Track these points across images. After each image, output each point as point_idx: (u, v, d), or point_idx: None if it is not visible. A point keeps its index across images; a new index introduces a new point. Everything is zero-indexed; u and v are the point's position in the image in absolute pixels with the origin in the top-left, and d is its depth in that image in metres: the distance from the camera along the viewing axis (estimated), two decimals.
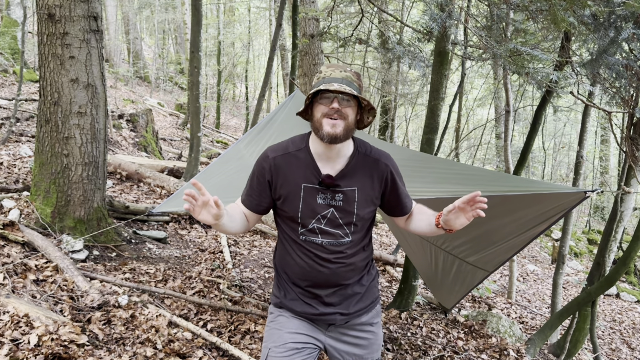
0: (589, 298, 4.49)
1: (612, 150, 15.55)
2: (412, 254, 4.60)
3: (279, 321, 1.76)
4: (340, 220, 1.66)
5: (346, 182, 1.65)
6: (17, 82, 8.60)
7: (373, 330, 1.82)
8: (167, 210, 3.33)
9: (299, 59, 7.79)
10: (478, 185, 2.71)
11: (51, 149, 3.90)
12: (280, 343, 1.70)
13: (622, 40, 3.57)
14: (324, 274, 1.68)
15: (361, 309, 1.77)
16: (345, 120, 1.57)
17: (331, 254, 1.67)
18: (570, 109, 9.92)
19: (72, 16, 3.75)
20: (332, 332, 1.77)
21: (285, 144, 1.72)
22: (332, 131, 1.55)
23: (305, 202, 1.64)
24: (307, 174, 1.65)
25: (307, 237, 1.67)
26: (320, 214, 1.64)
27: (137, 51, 18.32)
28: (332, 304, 1.72)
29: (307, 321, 1.75)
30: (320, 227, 1.65)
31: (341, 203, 1.65)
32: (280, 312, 1.78)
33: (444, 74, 4.53)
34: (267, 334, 1.77)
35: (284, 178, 1.66)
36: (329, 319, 1.73)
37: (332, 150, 1.63)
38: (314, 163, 1.65)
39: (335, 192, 1.64)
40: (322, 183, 1.63)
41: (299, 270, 1.71)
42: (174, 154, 10.00)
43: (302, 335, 1.72)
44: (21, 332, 2.55)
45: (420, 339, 4.15)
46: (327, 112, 1.56)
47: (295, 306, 1.74)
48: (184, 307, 3.53)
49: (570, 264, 10.85)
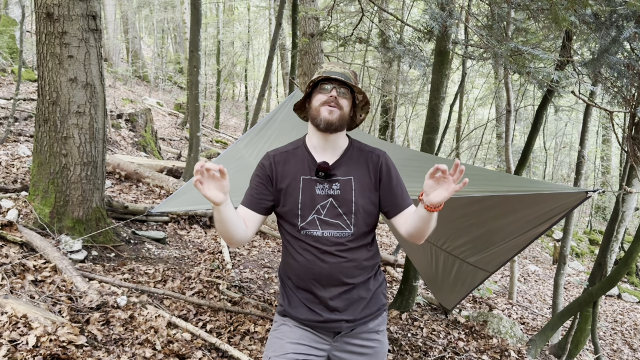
0: (590, 299, 4.48)
1: (614, 150, 15.53)
2: (412, 255, 4.59)
3: (282, 330, 1.73)
4: (339, 209, 1.68)
5: (342, 172, 1.71)
6: (15, 81, 8.58)
7: (379, 338, 1.79)
8: (166, 210, 3.31)
9: (298, 58, 7.77)
10: (479, 185, 2.69)
11: (50, 149, 3.88)
12: (281, 353, 1.66)
13: (623, 39, 3.56)
14: (325, 269, 1.65)
15: (367, 315, 1.74)
16: (341, 111, 1.67)
17: (332, 246, 1.66)
18: (571, 108, 9.90)
19: (71, 15, 3.73)
20: (338, 342, 1.74)
21: (284, 146, 1.81)
22: (329, 117, 1.64)
23: (304, 193, 1.68)
24: (304, 167, 1.71)
25: (307, 231, 1.67)
26: (319, 204, 1.67)
27: (136, 50, 18.29)
28: (337, 309, 1.69)
29: (310, 331, 1.72)
30: (320, 217, 1.67)
31: (339, 192, 1.68)
32: (283, 320, 1.76)
33: (445, 73, 4.51)
34: (268, 343, 1.75)
35: (283, 173, 1.71)
36: (334, 327, 1.70)
37: (328, 141, 1.71)
38: (310, 156, 1.72)
39: (332, 181, 1.69)
40: (318, 171, 1.68)
41: (300, 268, 1.69)
42: (173, 153, 9.98)
43: (304, 347, 1.68)
44: (19, 332, 2.53)
45: (420, 339, 4.13)
46: (325, 99, 1.66)
47: (300, 313, 1.71)
48: (183, 307, 3.51)
49: (572, 264, 10.84)
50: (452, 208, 3.65)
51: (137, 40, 18.41)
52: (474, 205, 3.37)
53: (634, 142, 4.11)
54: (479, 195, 3.01)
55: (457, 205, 3.54)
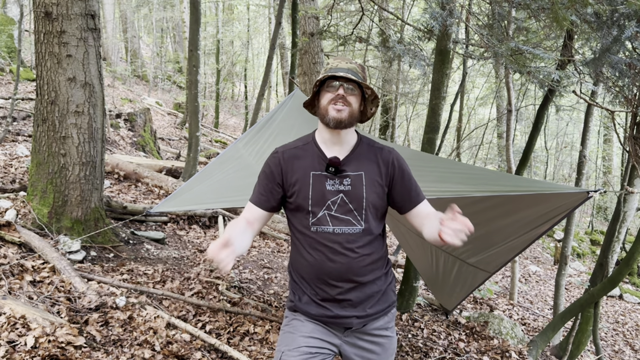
0: (591, 299, 4.46)
1: (615, 149, 15.52)
2: (413, 255, 4.57)
3: (293, 325, 1.75)
4: (350, 205, 1.67)
5: (352, 167, 1.70)
6: (13, 80, 8.55)
7: (388, 334, 1.80)
8: (165, 210, 3.29)
9: (298, 58, 7.75)
10: (479, 185, 2.68)
11: (48, 149, 3.86)
12: (294, 347, 1.68)
13: (625, 38, 3.54)
14: (335, 267, 1.66)
15: (378, 311, 1.75)
16: (350, 107, 1.66)
17: (342, 243, 1.66)
18: (572, 108, 9.88)
19: (69, 14, 3.71)
20: (349, 336, 1.75)
21: (293, 142, 1.81)
22: (338, 116, 1.64)
23: (314, 189, 1.68)
24: (314, 162, 1.71)
25: (318, 228, 1.67)
26: (330, 200, 1.67)
27: (135, 50, 18.27)
28: (348, 305, 1.70)
29: (322, 325, 1.73)
30: (331, 213, 1.67)
31: (349, 188, 1.68)
32: (294, 315, 1.77)
33: (445, 72, 4.49)
34: (280, 338, 1.76)
35: (293, 169, 1.71)
36: (345, 322, 1.71)
37: (338, 137, 1.71)
38: (320, 152, 1.72)
39: (342, 177, 1.69)
40: (329, 166, 1.68)
41: (310, 266, 1.69)
42: (172, 153, 9.96)
43: (316, 340, 1.70)
44: (18, 333, 2.51)
45: (421, 340, 4.12)
46: (333, 98, 1.65)
47: (310, 309, 1.72)
48: (183, 308, 3.50)
49: (573, 265, 10.82)
50: None
51: (136, 40, 18.39)
52: (475, 206, 3.36)
53: (636, 141, 4.09)
54: (480, 196, 2.99)
55: (458, 205, 3.52)
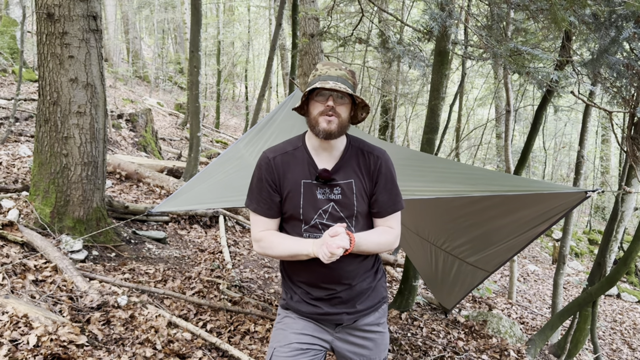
0: (589, 298, 4.48)
1: (613, 150, 15.52)
2: (412, 254, 4.59)
3: (285, 322, 1.78)
4: (341, 214, 1.68)
5: (342, 176, 1.70)
6: (16, 81, 8.58)
7: (380, 330, 1.82)
8: (166, 210, 3.32)
9: (298, 59, 7.77)
10: (478, 185, 2.70)
11: (50, 149, 3.89)
12: (285, 343, 1.71)
13: (623, 39, 3.56)
14: (327, 272, 1.67)
15: (368, 307, 1.77)
16: (340, 118, 1.64)
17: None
18: (571, 108, 9.90)
19: (72, 15, 3.74)
20: (340, 332, 1.78)
21: (283, 145, 1.78)
22: (328, 127, 1.63)
23: (305, 198, 1.68)
24: (305, 170, 1.70)
25: (310, 234, 1.69)
26: (321, 209, 1.68)
27: (136, 51, 18.30)
28: (337, 303, 1.72)
29: (313, 322, 1.76)
30: (323, 222, 1.68)
31: (340, 197, 1.68)
32: (286, 313, 1.81)
33: (445, 73, 4.51)
34: (273, 335, 1.80)
35: (285, 176, 1.70)
36: (335, 319, 1.74)
37: (327, 144, 1.70)
38: (311, 159, 1.71)
39: (332, 186, 1.69)
40: (319, 178, 1.67)
41: (303, 270, 1.71)
42: (173, 153, 9.99)
43: (307, 336, 1.73)
44: (20, 332, 2.54)
45: (420, 339, 4.14)
46: (322, 110, 1.63)
47: (301, 307, 1.75)
48: (184, 307, 3.52)
49: (571, 264, 10.84)
50: (452, 208, 3.66)
51: (138, 41, 18.42)
52: (474, 205, 3.38)
53: (633, 142, 4.11)
54: (479, 195, 3.02)
55: (457, 205, 3.55)
